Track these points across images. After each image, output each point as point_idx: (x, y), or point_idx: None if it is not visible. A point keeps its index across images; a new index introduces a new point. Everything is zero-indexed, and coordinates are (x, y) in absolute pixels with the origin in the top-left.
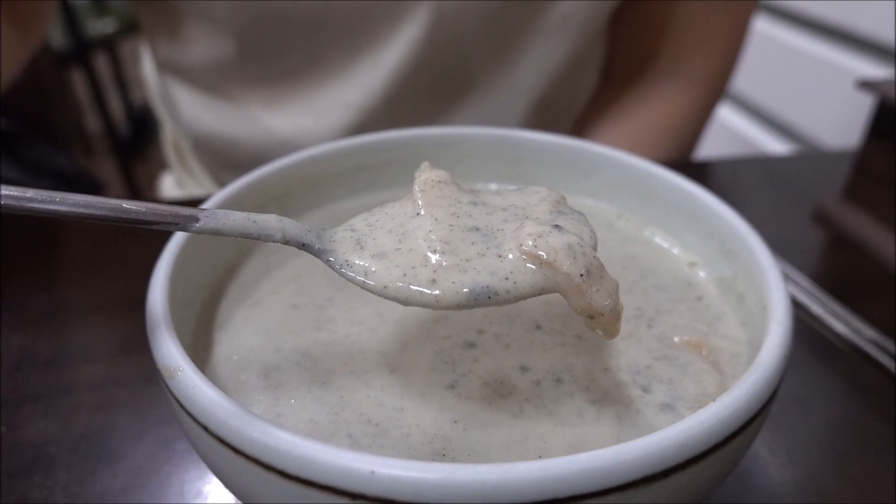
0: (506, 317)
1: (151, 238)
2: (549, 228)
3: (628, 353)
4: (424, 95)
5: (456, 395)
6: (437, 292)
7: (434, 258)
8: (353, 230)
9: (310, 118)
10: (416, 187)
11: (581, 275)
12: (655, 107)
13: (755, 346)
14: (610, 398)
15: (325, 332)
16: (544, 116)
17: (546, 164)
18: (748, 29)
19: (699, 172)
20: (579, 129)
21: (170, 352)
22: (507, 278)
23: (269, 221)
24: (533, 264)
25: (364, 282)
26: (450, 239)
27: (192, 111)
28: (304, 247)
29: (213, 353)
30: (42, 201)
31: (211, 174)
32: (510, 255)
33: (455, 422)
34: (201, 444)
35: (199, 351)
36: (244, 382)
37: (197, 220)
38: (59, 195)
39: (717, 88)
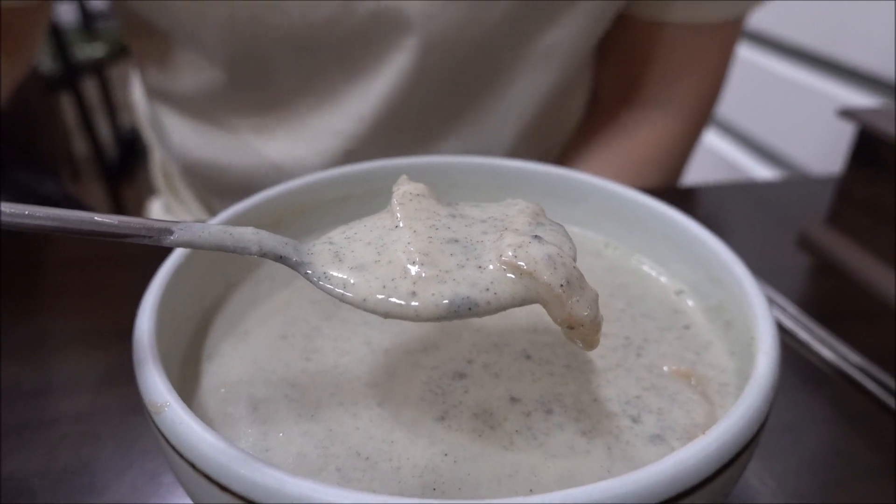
0: (494, 346)
1: (138, 267)
2: (529, 239)
3: (618, 382)
4: (413, 123)
5: (446, 426)
6: (416, 304)
7: (413, 270)
8: (331, 242)
9: (300, 145)
10: (394, 200)
11: (561, 285)
12: (641, 134)
13: (743, 376)
14: (600, 429)
15: (313, 362)
16: (532, 145)
17: (533, 192)
18: (732, 56)
19: (685, 199)
20: (567, 157)
21: (156, 387)
22: (487, 289)
23: (245, 234)
24: (513, 275)
25: (343, 294)
26: (429, 251)
27: (181, 137)
28: (281, 259)
29: (201, 385)
30: (12, 215)
31: (200, 200)
32: (490, 266)
33: (445, 454)
34: (188, 480)
35: (187, 383)
36: (232, 416)
37: (171, 232)
38: (29, 208)
39: (702, 115)
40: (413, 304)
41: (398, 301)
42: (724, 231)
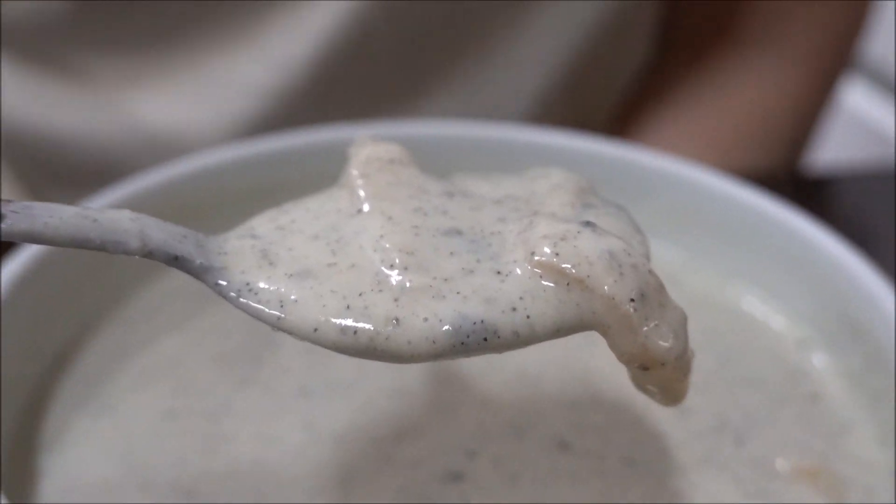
0: (511, 428)
1: None
2: (577, 227)
3: (706, 486)
4: (373, 75)
5: None
6: (402, 334)
7: (393, 277)
8: (254, 236)
9: (190, 105)
10: (353, 170)
11: (632, 299)
12: (742, 91)
13: None
14: None
15: (221, 456)
16: (567, 105)
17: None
18: None
19: (812, 192)
20: (621, 123)
21: None
22: (514, 308)
23: (121, 221)
24: (553, 283)
25: (279, 319)
26: (415, 247)
27: (6, 93)
28: (176, 261)
29: (38, 492)
30: None
31: (26, 190)
32: (517, 270)
33: None
34: None
35: (16, 488)
36: None
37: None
38: None
39: (835, 63)
40: (397, 333)
41: (372, 329)
42: (874, 245)
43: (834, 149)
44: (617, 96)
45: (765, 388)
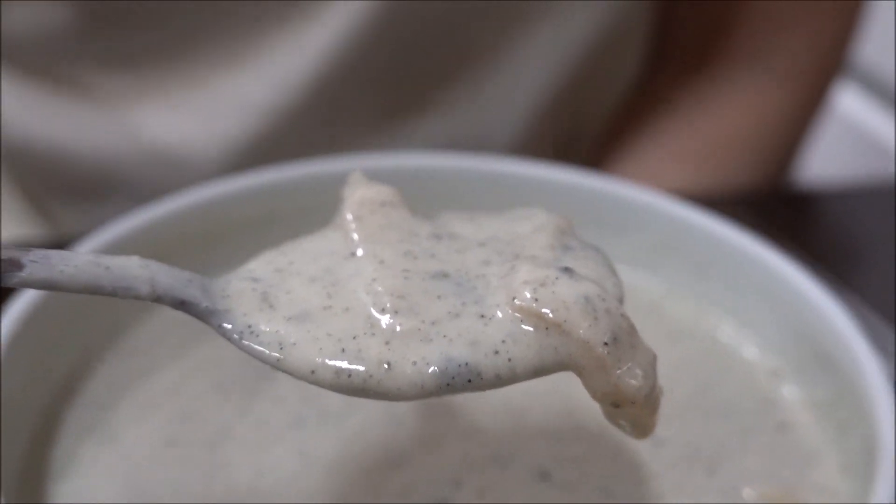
0: (494, 460)
1: None
2: (556, 272)
3: None
4: (370, 97)
5: None
6: (391, 376)
7: (384, 321)
8: (254, 279)
9: (193, 122)
10: (347, 213)
11: (605, 343)
12: (728, 110)
13: None
14: None
15: (219, 484)
16: (555, 132)
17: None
18: None
19: (803, 207)
20: (608, 142)
21: None
22: (496, 352)
23: (130, 267)
24: (531, 327)
25: (278, 360)
26: (405, 291)
27: (11, 106)
28: (183, 305)
29: None
30: None
31: (33, 205)
32: (498, 314)
33: None
34: None
35: None
36: None
37: (20, 266)
38: None
39: (820, 85)
40: (388, 376)
41: (365, 371)
42: (863, 267)
43: (826, 159)
44: (606, 115)
45: (737, 417)
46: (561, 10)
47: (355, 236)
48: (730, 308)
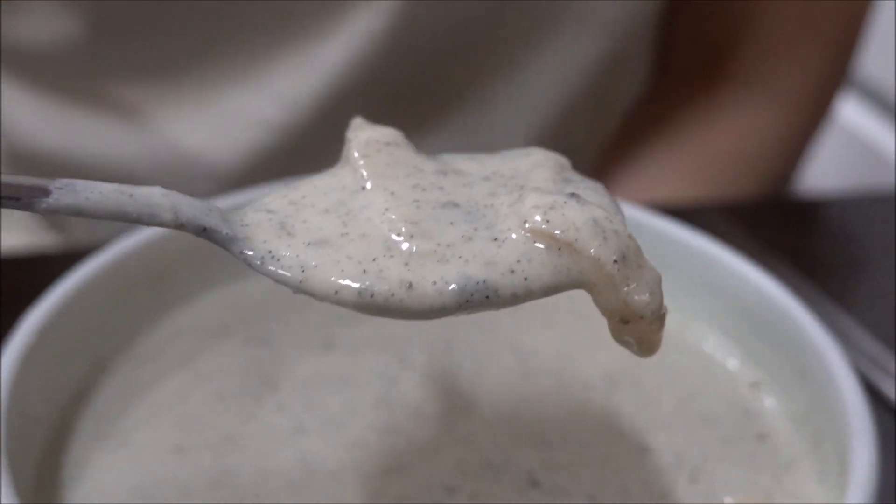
0: (488, 466)
1: None
2: (563, 198)
3: None
4: (378, 115)
5: None
6: (414, 294)
7: (402, 244)
8: (270, 211)
9: (204, 135)
10: (353, 152)
11: (615, 260)
12: (727, 125)
13: None
14: None
15: (225, 491)
16: (559, 150)
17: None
18: (865, 21)
19: (804, 216)
20: (611, 155)
21: None
22: (512, 271)
23: (154, 196)
24: (544, 246)
25: (300, 282)
26: (418, 218)
27: (23, 118)
28: (205, 232)
29: None
30: None
31: (46, 217)
32: (512, 236)
33: None
34: None
35: None
36: None
37: (47, 192)
38: None
39: (820, 107)
40: (409, 294)
41: (388, 290)
42: (863, 276)
43: (826, 169)
44: (608, 133)
45: (719, 426)
46: (567, 33)
47: (364, 172)
48: (715, 321)
